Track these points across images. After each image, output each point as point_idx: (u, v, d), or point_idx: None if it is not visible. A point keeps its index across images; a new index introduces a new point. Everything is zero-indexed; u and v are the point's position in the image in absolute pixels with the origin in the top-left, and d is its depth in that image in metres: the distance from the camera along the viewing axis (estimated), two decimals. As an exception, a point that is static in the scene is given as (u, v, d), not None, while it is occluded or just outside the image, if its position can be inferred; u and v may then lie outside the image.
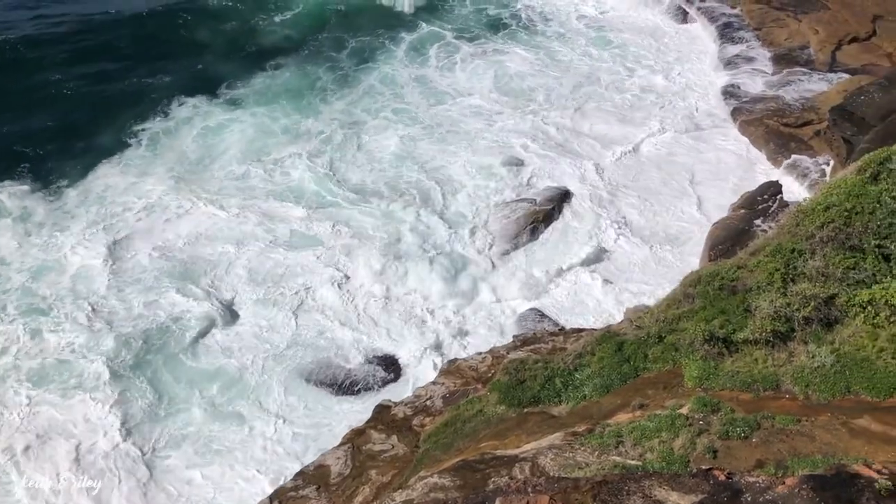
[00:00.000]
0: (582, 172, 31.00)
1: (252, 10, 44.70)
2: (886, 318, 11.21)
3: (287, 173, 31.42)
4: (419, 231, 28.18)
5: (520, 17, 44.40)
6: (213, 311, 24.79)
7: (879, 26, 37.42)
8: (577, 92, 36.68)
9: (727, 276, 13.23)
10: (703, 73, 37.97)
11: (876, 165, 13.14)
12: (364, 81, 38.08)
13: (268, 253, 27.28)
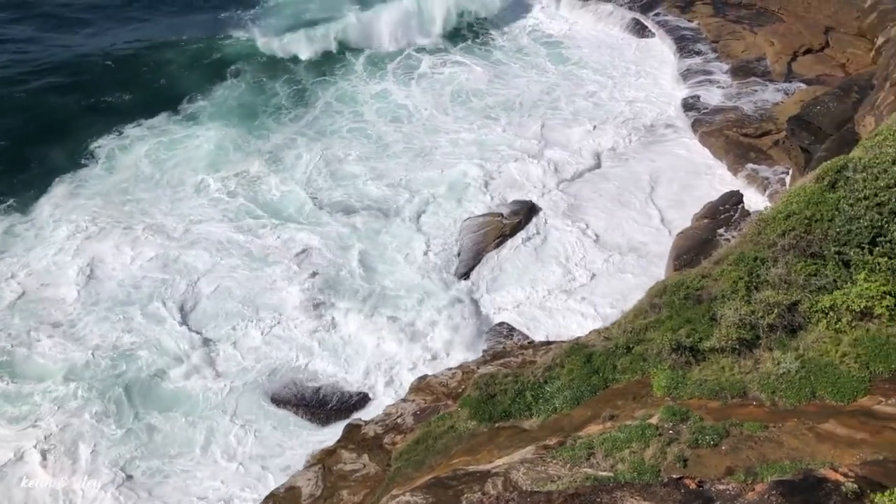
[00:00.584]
0: (545, 186, 31.19)
1: (214, 24, 44.42)
2: (848, 323, 11.41)
3: (243, 191, 31.09)
4: (383, 248, 28.08)
5: (478, 33, 44.64)
6: (171, 336, 24.39)
7: (832, 38, 38.36)
8: (537, 107, 36.91)
9: (692, 285, 13.37)
10: (662, 86, 38.50)
11: (833, 173, 13.40)
12: (321, 98, 37.98)
13: (228, 273, 26.95)
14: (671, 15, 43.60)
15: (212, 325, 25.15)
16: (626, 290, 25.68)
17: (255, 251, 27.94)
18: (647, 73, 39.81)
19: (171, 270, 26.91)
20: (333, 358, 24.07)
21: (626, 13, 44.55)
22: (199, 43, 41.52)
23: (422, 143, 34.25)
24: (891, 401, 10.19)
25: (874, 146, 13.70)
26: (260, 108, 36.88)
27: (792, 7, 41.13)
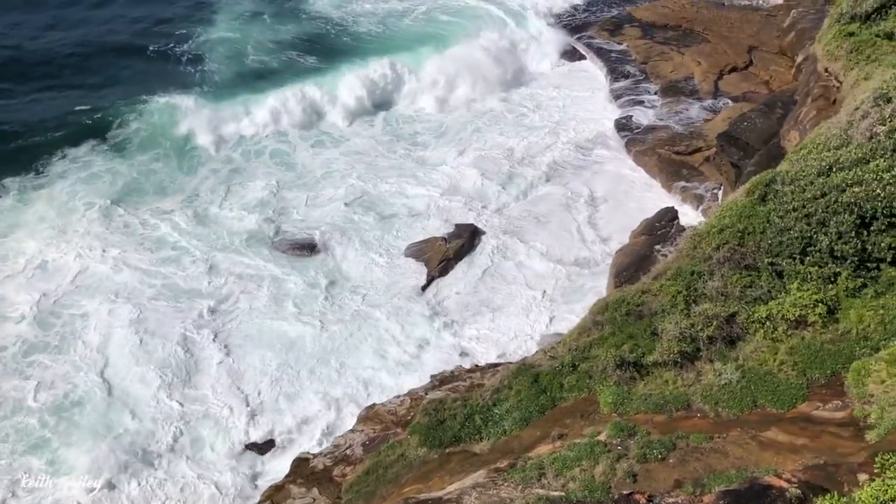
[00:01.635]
0: (483, 209, 31.43)
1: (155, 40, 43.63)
2: (784, 332, 11.73)
3: (163, 223, 30.34)
4: (314, 281, 27.80)
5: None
6: (85, 378, 23.44)
7: (755, 56, 39.76)
8: (469, 132, 37.12)
9: (633, 301, 13.60)
10: (596, 107, 39.22)
11: (763, 187, 13.84)
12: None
13: (150, 307, 26.23)
14: (600, 38, 44.61)
15: (134, 361, 24.18)
16: (571, 307, 25.95)
17: (182, 281, 27.47)
18: (579, 95, 40.54)
19: (94, 303, 25.99)
20: (281, 390, 23.64)
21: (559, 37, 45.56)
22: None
23: (352, 171, 34.30)
24: (828, 406, 10.49)
25: (800, 159, 14.20)
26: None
27: (716, 28, 42.55)
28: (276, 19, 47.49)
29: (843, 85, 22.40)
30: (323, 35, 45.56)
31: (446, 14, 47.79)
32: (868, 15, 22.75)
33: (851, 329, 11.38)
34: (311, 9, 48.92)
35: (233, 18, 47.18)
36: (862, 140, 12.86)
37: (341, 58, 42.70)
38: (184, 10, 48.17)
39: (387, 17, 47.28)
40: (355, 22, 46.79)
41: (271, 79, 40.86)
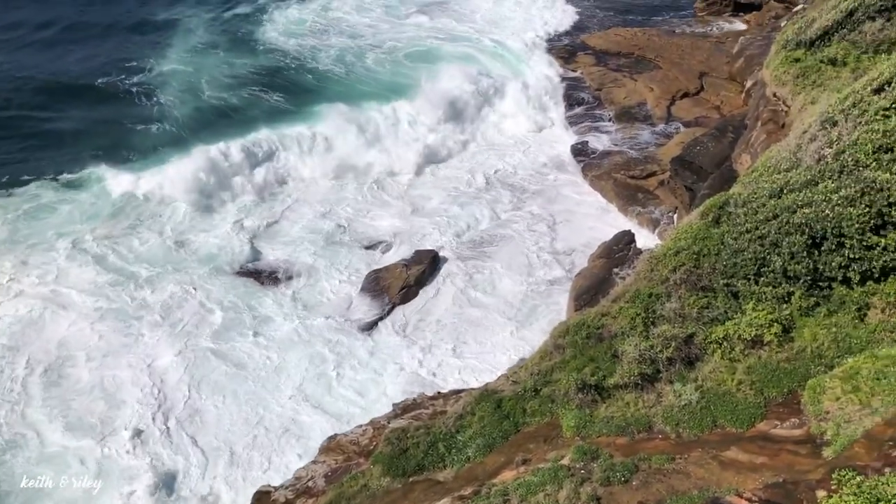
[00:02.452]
0: (442, 237, 31.51)
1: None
2: (741, 352, 11.90)
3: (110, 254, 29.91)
4: (276, 313, 27.59)
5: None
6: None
7: (706, 82, 40.71)
8: (427, 163, 37.23)
9: (593, 324, 13.69)
10: (552, 134, 39.76)
11: (716, 210, 14.09)
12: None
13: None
14: (556, 67, 45.31)
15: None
16: (532, 330, 26.04)
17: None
18: (535, 122, 41.01)
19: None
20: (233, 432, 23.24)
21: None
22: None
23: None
24: (786, 424, 10.64)
25: (751, 182, 14.50)
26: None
27: (668, 55, 43.51)
28: (231, 52, 46.69)
29: (791, 109, 23.00)
30: (282, 69, 44.75)
31: (406, 55, 46.78)
32: (812, 42, 23.46)
33: (806, 347, 11.59)
34: (263, 38, 48.58)
35: (186, 51, 46.52)
36: (811, 163, 13.19)
37: (309, 98, 41.54)
38: (136, 45, 47.28)
39: (343, 55, 46.49)
40: (313, 58, 46.08)
41: (238, 118, 39.41)
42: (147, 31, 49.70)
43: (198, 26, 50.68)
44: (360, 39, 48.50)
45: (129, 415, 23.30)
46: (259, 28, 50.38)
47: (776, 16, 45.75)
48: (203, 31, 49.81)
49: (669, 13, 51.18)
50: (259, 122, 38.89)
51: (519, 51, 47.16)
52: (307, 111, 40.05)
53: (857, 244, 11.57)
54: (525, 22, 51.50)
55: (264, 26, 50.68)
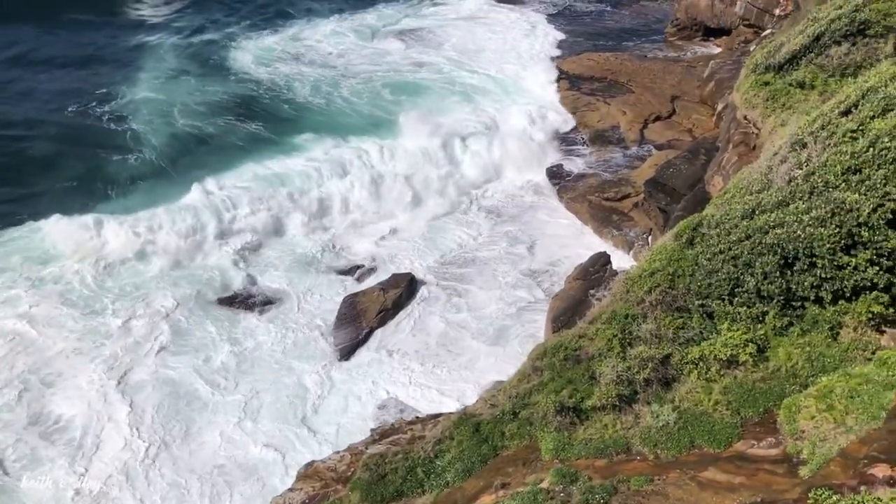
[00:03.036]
0: (419, 260, 31.52)
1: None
2: (717, 372, 11.97)
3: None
4: (252, 339, 27.37)
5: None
6: None
7: (678, 105, 41.29)
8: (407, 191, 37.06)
9: (570, 346, 13.70)
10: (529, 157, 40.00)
11: (690, 231, 14.21)
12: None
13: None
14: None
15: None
16: (508, 351, 26.03)
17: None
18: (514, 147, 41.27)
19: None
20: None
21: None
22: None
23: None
24: (762, 443, 10.69)
25: (724, 203, 14.66)
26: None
27: (640, 79, 44.11)
28: (203, 79, 46.02)
29: (762, 131, 23.35)
30: (257, 98, 44.08)
31: (384, 85, 46.00)
32: (781, 65, 23.89)
33: (781, 367, 11.68)
34: (235, 66, 48.06)
35: (156, 78, 45.82)
36: (782, 184, 13.37)
37: (289, 127, 40.72)
38: (105, 73, 46.45)
39: (319, 84, 45.85)
40: (288, 87, 45.42)
41: (216, 146, 38.50)
42: (115, 58, 49.07)
43: (166, 53, 50.29)
44: (333, 69, 48.07)
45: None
46: (230, 55, 50.03)
47: (745, 40, 46.61)
48: (172, 58, 49.34)
49: (641, 38, 51.97)
50: (239, 151, 38.16)
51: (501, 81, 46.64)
52: (288, 141, 39.30)
53: (828, 264, 11.72)
54: (501, 51, 51.35)
55: (235, 53, 50.36)
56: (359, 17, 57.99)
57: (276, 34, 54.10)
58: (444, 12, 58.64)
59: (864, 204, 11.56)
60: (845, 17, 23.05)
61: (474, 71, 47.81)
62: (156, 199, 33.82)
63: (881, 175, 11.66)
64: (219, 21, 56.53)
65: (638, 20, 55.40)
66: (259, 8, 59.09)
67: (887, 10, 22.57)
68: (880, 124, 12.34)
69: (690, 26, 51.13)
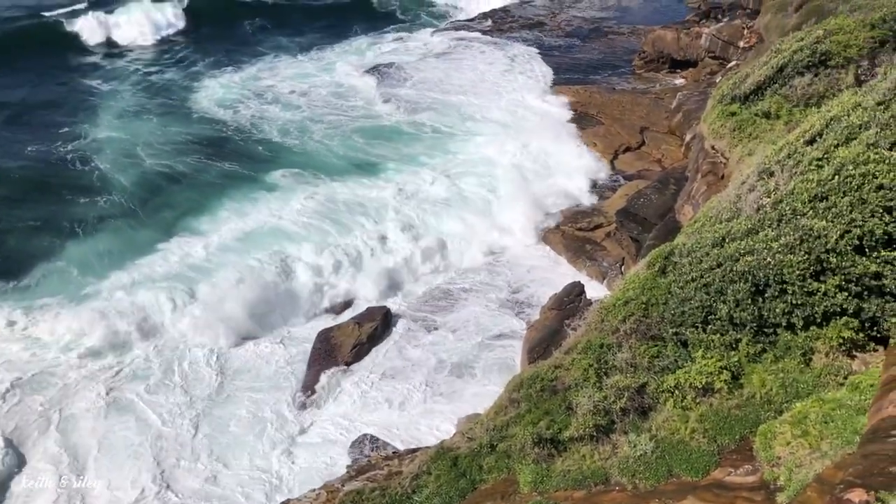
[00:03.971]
0: (394, 293, 31.47)
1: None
2: (693, 400, 12.01)
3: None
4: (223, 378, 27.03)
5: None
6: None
7: (647, 136, 41.89)
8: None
9: (546, 376, 13.70)
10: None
11: (662, 260, 14.35)
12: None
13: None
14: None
15: None
16: (489, 384, 25.91)
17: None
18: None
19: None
20: None
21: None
22: None
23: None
24: (739, 471, 10.70)
25: (694, 232, 14.84)
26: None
27: (609, 111, 44.75)
28: (165, 119, 45.01)
29: (730, 161, 23.75)
30: (226, 139, 42.87)
31: (354, 130, 44.22)
32: (747, 96, 24.39)
33: (755, 393, 11.75)
34: (197, 107, 46.96)
35: (117, 117, 44.89)
36: (750, 212, 13.57)
37: (266, 166, 39.41)
38: (65, 112, 45.38)
39: (287, 127, 44.29)
40: (257, 128, 44.11)
41: (189, 184, 37.42)
42: (74, 98, 48.00)
43: (124, 92, 49.39)
44: (297, 111, 46.54)
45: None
46: (190, 95, 49.13)
47: (711, 72, 47.59)
48: (130, 97, 48.41)
49: (609, 71, 52.81)
50: (214, 189, 37.15)
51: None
52: (266, 180, 38.35)
53: (798, 290, 11.86)
54: (479, 86, 50.32)
55: (196, 94, 49.45)
56: (326, 55, 57.62)
57: (237, 72, 53.10)
58: (414, 47, 58.93)
59: (831, 230, 11.76)
60: (807, 49, 23.66)
61: (448, 111, 46.60)
62: (128, 241, 33.09)
63: (847, 202, 11.88)
64: (178, 58, 56.05)
65: (606, 53, 56.31)
66: (219, 44, 58.56)
67: (847, 42, 23.21)
68: (844, 152, 12.60)
69: (657, 59, 52.10)
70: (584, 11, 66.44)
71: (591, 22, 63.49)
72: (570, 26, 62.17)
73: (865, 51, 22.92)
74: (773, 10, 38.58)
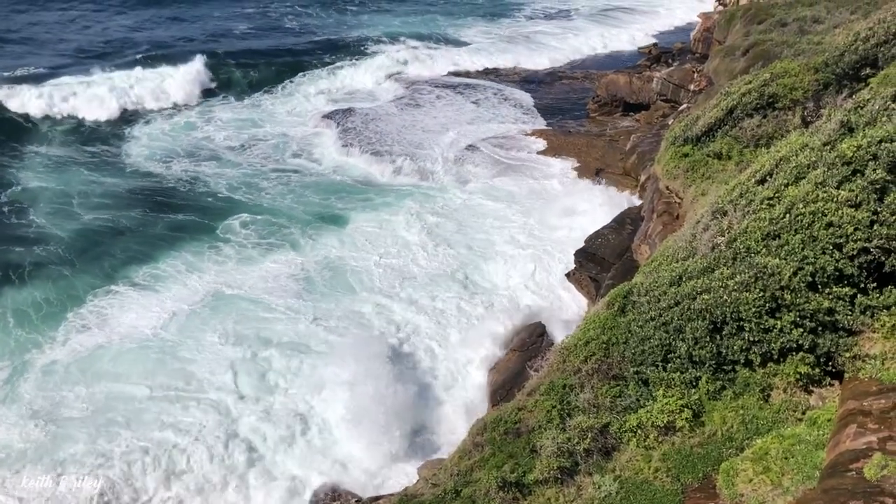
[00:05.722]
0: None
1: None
2: (655, 439, 12.03)
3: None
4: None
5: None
6: None
7: (603, 177, 42.49)
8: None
9: (510, 419, 13.63)
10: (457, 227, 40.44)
11: (621, 299, 14.48)
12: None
13: None
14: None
15: None
16: (454, 426, 25.61)
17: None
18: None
19: None
20: None
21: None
22: None
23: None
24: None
25: (652, 271, 15.03)
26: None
27: (566, 153, 45.42)
28: (97, 171, 42.35)
29: (684, 201, 24.21)
30: (171, 191, 40.07)
31: (305, 185, 41.47)
32: (698, 137, 24.98)
33: (716, 431, 11.82)
34: (130, 160, 44.31)
35: (45, 167, 42.26)
36: (706, 251, 13.80)
37: (222, 213, 37.40)
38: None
39: (231, 182, 41.27)
40: (201, 182, 41.25)
41: (137, 238, 35.10)
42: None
43: (51, 140, 46.81)
44: (238, 168, 43.67)
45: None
46: (122, 145, 46.43)
47: (663, 115, 48.73)
48: (57, 147, 45.78)
49: (565, 115, 53.71)
50: (164, 240, 35.16)
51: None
52: (224, 225, 36.57)
53: (755, 327, 12.04)
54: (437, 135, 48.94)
55: (127, 143, 46.67)
56: (265, 100, 55.07)
57: (167, 123, 50.13)
58: (372, 95, 58.21)
59: (784, 268, 12.00)
60: (755, 92, 24.39)
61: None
62: (68, 291, 31.31)
63: (798, 239, 12.16)
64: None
65: (561, 98, 57.33)
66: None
67: (792, 85, 23.98)
68: (794, 191, 12.93)
69: (611, 102, 53.21)
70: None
71: (545, 67, 64.77)
72: (527, 72, 63.31)
73: (810, 93, 23.70)
74: (722, 55, 39.80)
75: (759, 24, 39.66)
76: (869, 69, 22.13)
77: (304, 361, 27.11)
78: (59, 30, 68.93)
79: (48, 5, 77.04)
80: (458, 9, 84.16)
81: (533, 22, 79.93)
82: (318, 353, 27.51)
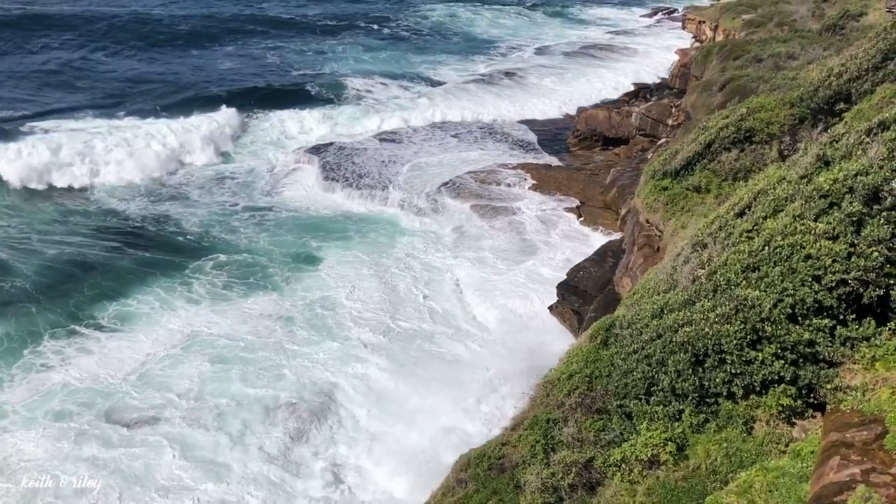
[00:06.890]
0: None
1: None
2: (639, 473, 11.96)
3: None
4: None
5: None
6: None
7: (584, 211, 42.81)
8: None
9: (493, 454, 13.52)
10: (442, 260, 40.49)
11: (604, 332, 14.49)
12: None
13: None
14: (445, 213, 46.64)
15: None
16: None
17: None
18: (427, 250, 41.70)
19: None
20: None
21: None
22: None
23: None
24: (689, 544, 10.62)
25: (634, 304, 15.07)
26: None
27: (547, 187, 45.75)
28: (57, 208, 41.16)
29: (664, 234, 24.39)
30: (137, 232, 38.75)
31: (280, 224, 40.88)
32: (678, 171, 25.27)
33: (700, 464, 11.77)
34: (94, 197, 43.21)
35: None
36: (687, 283, 13.87)
37: (196, 252, 36.66)
38: None
39: (202, 220, 40.60)
40: (172, 222, 40.22)
41: (111, 275, 34.06)
42: None
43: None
44: (204, 207, 42.68)
45: None
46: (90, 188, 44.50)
47: (643, 149, 49.29)
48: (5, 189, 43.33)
49: (545, 149, 54.20)
50: (135, 276, 34.22)
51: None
52: (197, 264, 35.78)
53: (736, 359, 12.07)
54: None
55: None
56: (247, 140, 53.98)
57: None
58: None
59: (764, 300, 12.07)
60: (732, 126, 24.76)
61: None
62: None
63: (778, 272, 12.25)
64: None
65: (540, 132, 57.90)
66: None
67: (769, 119, 24.38)
68: (772, 224, 13.06)
69: (591, 136, 53.77)
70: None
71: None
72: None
73: (787, 127, 24.10)
74: (699, 90, 40.46)
75: (734, 59, 40.40)
76: (843, 104, 22.55)
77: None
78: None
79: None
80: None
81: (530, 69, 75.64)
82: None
